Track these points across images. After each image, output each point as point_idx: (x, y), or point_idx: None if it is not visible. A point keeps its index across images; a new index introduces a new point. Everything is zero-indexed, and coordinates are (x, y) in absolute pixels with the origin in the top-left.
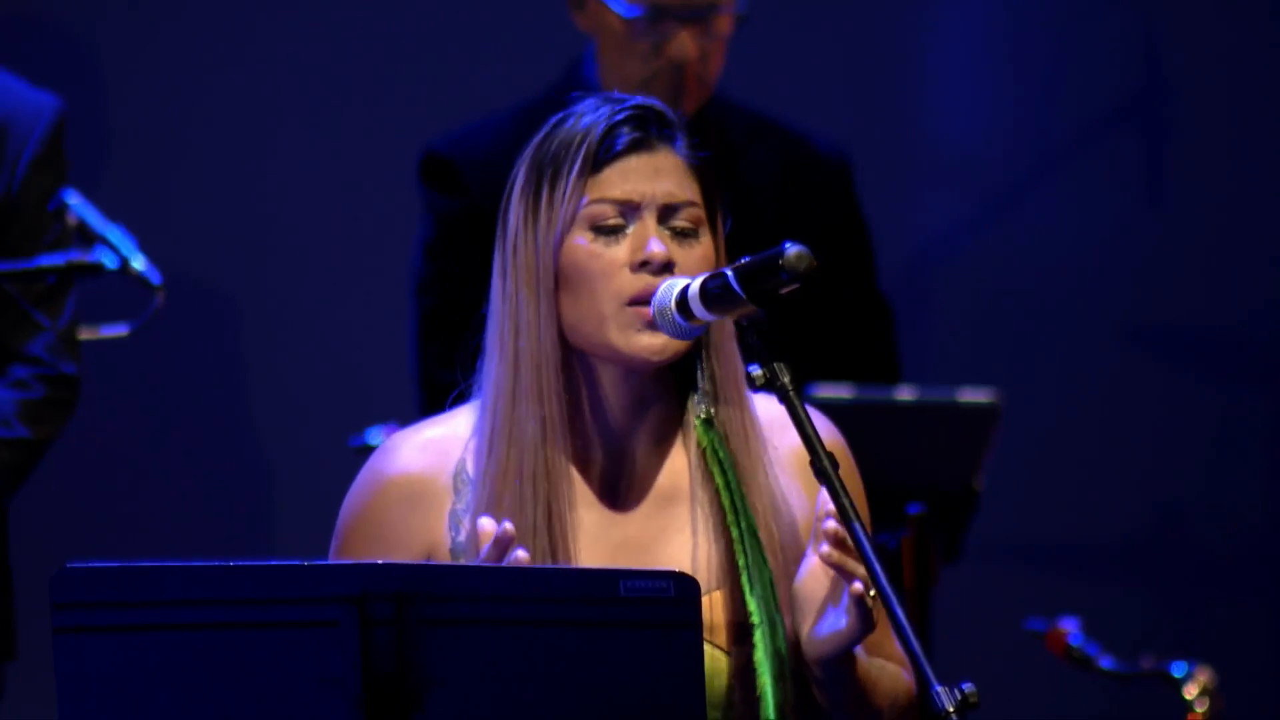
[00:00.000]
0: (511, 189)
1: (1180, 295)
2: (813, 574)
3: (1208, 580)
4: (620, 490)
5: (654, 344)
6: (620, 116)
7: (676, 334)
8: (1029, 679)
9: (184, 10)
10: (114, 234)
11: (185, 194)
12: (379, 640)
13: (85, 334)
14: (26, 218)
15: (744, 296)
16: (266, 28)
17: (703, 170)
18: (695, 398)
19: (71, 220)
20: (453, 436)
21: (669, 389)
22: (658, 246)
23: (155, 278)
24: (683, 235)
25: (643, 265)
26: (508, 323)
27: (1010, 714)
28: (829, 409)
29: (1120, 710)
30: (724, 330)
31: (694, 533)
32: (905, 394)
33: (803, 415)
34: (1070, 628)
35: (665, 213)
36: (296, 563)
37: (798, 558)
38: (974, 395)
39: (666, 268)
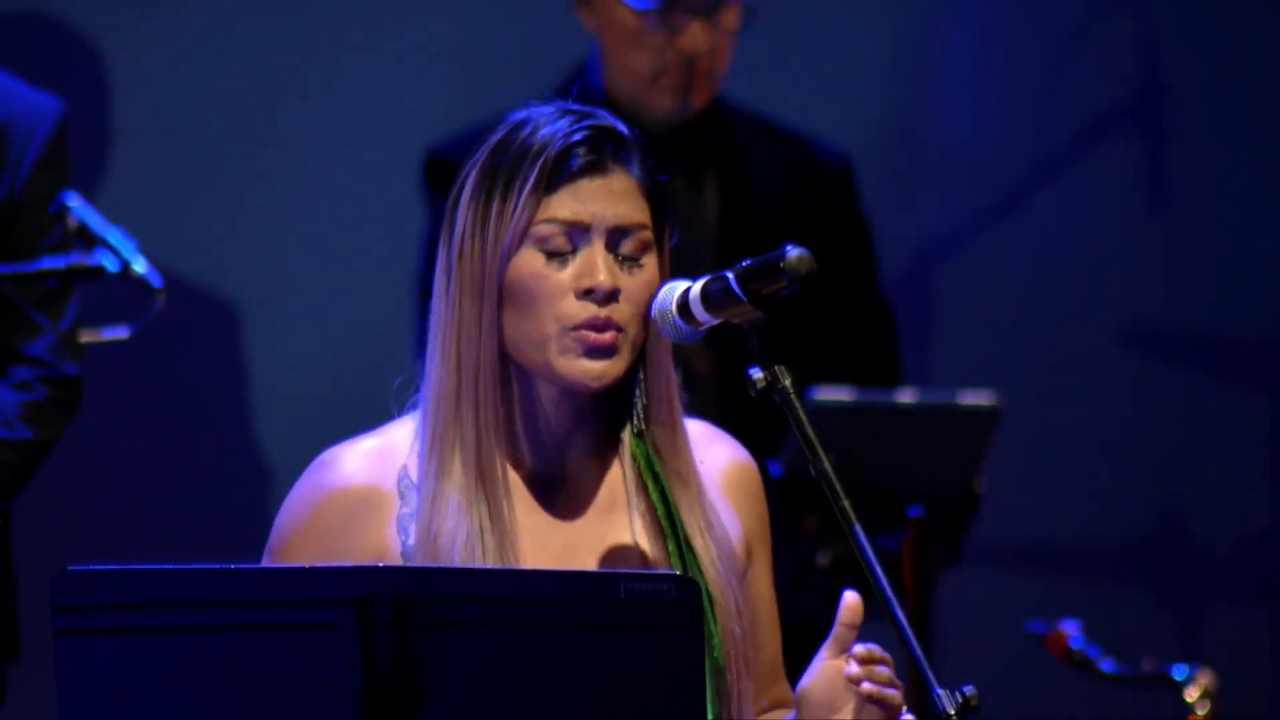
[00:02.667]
0: (461, 186)
1: (1181, 297)
2: (822, 676)
3: (1209, 582)
4: (559, 498)
5: (593, 370)
6: (577, 136)
7: (677, 337)
8: (1030, 681)
9: (185, 12)
10: (115, 236)
11: (186, 197)
12: (379, 642)
13: (86, 336)
14: (29, 220)
15: (745, 299)
16: (269, 30)
17: (655, 191)
18: (633, 411)
19: (72, 223)
20: (391, 445)
21: (606, 404)
22: (604, 276)
23: (156, 280)
24: (630, 261)
25: (588, 293)
26: (450, 327)
27: (1011, 716)
28: (830, 412)
29: (1121, 713)
30: (663, 347)
31: (634, 540)
32: (906, 396)
33: (803, 419)
34: (1071, 630)
35: (614, 236)
36: (297, 565)
37: (732, 572)
38: (975, 398)
39: (611, 297)
